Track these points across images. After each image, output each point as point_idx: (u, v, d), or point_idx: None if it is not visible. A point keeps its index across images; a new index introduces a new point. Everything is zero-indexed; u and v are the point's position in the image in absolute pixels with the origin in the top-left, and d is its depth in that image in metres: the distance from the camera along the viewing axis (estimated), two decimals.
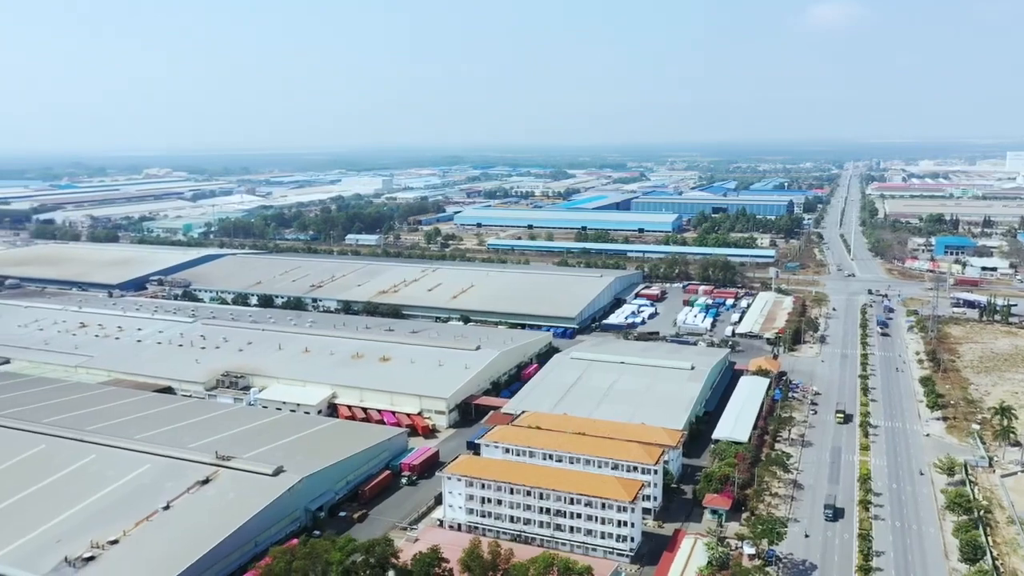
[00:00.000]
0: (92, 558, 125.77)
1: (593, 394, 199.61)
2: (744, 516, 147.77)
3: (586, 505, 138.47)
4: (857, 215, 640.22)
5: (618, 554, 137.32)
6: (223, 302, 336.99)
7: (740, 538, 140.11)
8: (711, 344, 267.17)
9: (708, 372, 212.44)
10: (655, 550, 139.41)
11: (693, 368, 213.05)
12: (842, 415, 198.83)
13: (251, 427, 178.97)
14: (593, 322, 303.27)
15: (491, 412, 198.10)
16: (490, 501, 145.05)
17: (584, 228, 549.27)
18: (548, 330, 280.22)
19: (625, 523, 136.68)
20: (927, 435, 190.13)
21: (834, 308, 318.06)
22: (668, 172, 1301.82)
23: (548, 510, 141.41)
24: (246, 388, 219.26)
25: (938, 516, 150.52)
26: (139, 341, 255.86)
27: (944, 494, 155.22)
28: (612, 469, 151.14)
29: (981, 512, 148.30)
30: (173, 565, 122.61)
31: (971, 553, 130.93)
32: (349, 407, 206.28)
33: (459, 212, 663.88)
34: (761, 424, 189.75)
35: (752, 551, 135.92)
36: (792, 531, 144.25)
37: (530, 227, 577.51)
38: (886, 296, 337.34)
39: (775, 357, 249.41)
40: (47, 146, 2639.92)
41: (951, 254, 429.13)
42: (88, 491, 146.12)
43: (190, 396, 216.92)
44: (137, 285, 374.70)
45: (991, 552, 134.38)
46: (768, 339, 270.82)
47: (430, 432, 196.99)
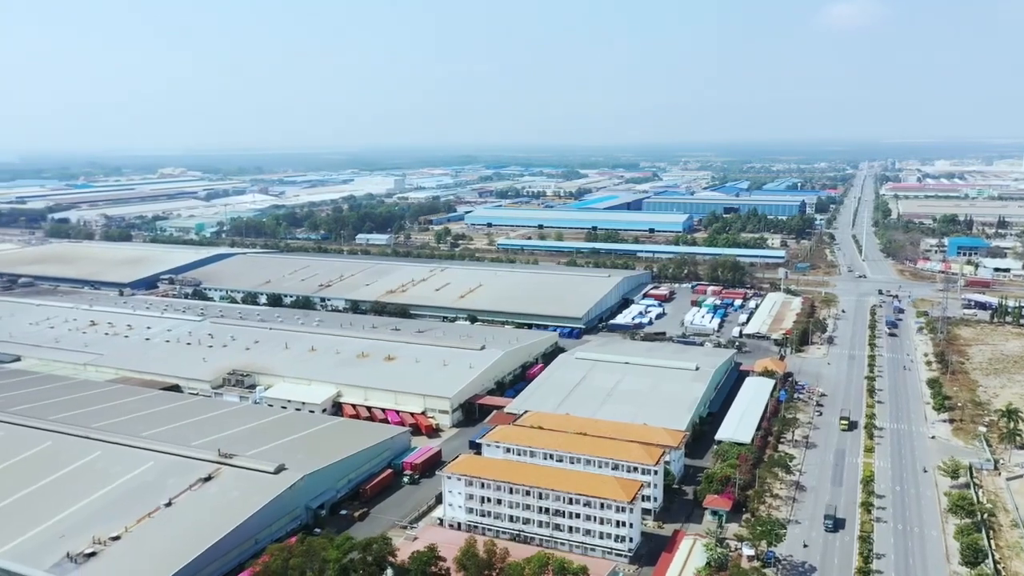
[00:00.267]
0: (94, 554, 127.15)
1: (596, 394, 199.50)
2: (744, 517, 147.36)
3: (585, 505, 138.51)
4: (870, 216, 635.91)
5: (616, 554, 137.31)
6: (232, 301, 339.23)
7: (739, 539, 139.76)
8: (718, 345, 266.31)
9: (713, 373, 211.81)
10: (654, 550, 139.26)
11: (697, 369, 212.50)
12: (847, 422, 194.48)
13: (255, 425, 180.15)
14: (600, 322, 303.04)
15: (494, 412, 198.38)
16: (489, 500, 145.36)
17: (594, 228, 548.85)
18: (555, 330, 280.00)
19: (623, 523, 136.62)
20: (933, 437, 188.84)
21: (843, 310, 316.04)
22: (681, 172, 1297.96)
23: (547, 510, 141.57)
24: (252, 386, 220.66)
25: (941, 519, 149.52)
26: (148, 339, 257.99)
27: (948, 497, 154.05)
28: (612, 469, 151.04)
29: (985, 515, 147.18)
30: (173, 562, 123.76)
31: (972, 556, 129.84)
32: (354, 406, 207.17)
33: (470, 212, 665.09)
34: (765, 425, 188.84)
35: (751, 552, 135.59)
36: (792, 533, 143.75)
37: (540, 227, 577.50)
38: (896, 297, 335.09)
39: (782, 358, 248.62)
40: (69, 145, 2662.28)
41: (964, 255, 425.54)
42: (92, 487, 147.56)
43: (197, 394, 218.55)
44: (148, 284, 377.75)
45: (993, 555, 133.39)
46: (775, 340, 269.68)
47: (433, 431, 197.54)
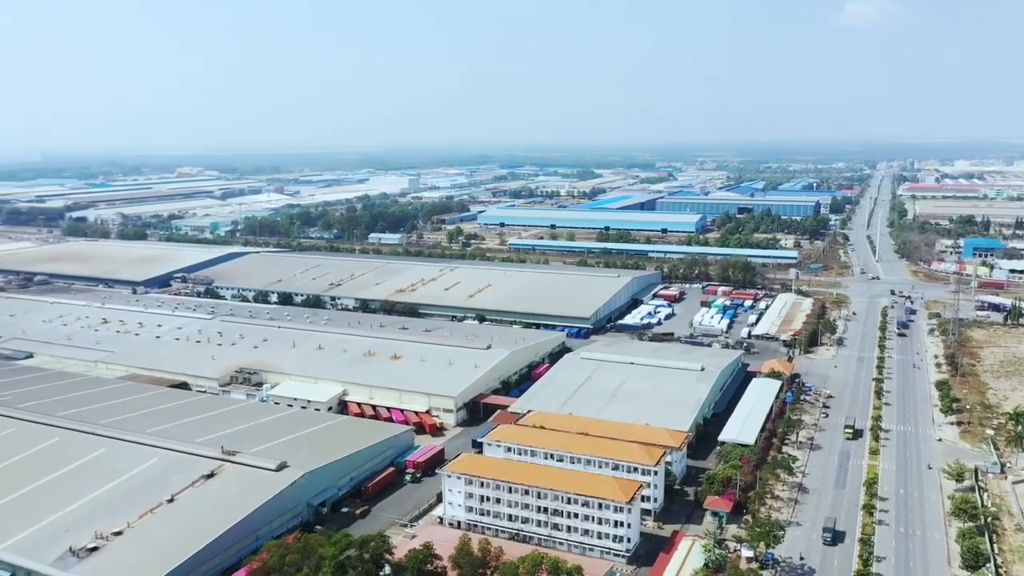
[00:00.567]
0: (96, 548, 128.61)
1: (600, 394, 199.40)
2: (744, 519, 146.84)
3: (583, 505, 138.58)
4: (886, 216, 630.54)
5: (614, 554, 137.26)
6: (244, 299, 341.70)
7: (738, 541, 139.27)
8: (726, 346, 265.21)
9: (718, 374, 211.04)
10: (653, 551, 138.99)
11: (703, 370, 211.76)
12: (851, 431, 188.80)
13: (260, 423, 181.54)
14: (609, 322, 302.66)
15: (498, 411, 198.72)
16: (489, 500, 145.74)
17: (607, 228, 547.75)
18: (563, 330, 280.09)
19: (622, 523, 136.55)
20: (939, 440, 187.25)
21: (854, 312, 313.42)
22: (697, 172, 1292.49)
23: (546, 509, 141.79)
24: (259, 384, 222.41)
25: (944, 522, 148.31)
26: (158, 337, 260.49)
27: (951, 500, 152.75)
28: (612, 470, 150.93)
29: (989, 519, 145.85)
30: (173, 557, 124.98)
31: (972, 560, 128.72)
32: (359, 404, 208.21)
33: (483, 212, 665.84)
34: (770, 427, 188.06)
35: (750, 554, 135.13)
36: (793, 535, 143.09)
37: (553, 227, 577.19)
38: (909, 298, 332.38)
39: (790, 359, 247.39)
40: (90, 145, 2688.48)
41: (979, 256, 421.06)
42: (97, 483, 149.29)
43: (205, 392, 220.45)
44: (161, 282, 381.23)
45: (995, 559, 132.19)
46: (784, 341, 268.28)
47: (437, 430, 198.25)
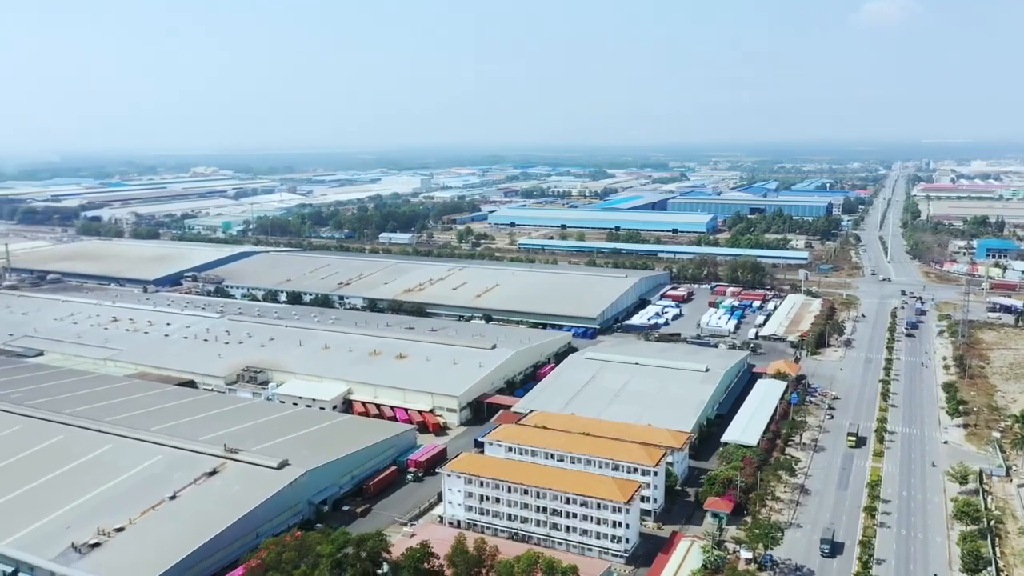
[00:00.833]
0: (97, 544, 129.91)
1: (604, 394, 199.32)
2: (743, 520, 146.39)
3: (582, 505, 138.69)
4: (899, 217, 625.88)
5: (613, 554, 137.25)
6: (253, 298, 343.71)
7: (738, 542, 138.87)
8: (732, 346, 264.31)
9: (723, 375, 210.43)
10: (652, 552, 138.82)
11: (707, 370, 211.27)
12: (854, 438, 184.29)
13: (263, 421, 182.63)
14: (616, 323, 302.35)
15: (501, 411, 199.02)
16: (488, 499, 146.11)
17: (617, 228, 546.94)
18: (569, 330, 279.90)
19: (620, 524, 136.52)
20: (945, 442, 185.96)
21: (863, 314, 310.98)
22: (710, 172, 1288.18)
23: (545, 509, 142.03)
24: (265, 383, 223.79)
25: (946, 525, 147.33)
26: (167, 336, 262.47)
27: (954, 503, 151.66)
28: (612, 470, 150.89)
29: (992, 522, 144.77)
30: (173, 554, 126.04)
31: (973, 564, 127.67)
32: (363, 403, 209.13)
33: (493, 212, 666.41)
34: (773, 428, 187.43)
35: (749, 555, 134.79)
36: (793, 536, 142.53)
37: (563, 227, 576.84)
38: (920, 299, 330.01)
39: (797, 360, 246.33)
40: (107, 145, 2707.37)
41: (993, 257, 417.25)
42: (101, 480, 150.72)
43: (211, 390, 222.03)
44: (172, 281, 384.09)
45: (996, 563, 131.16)
46: (791, 342, 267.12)
47: (441, 430, 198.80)
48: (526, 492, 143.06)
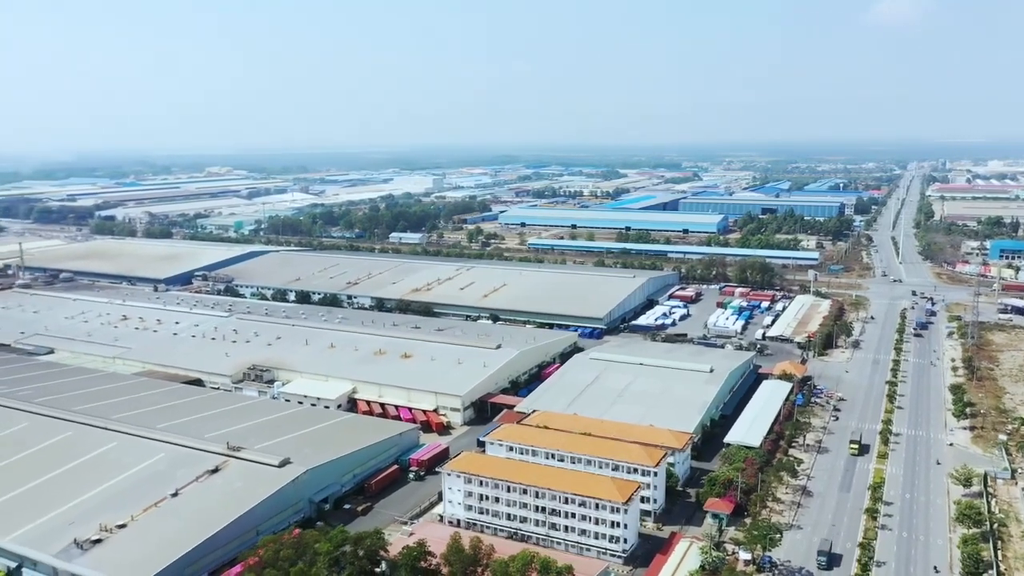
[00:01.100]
0: (99, 540, 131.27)
1: (607, 395, 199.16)
2: (742, 521, 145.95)
3: (580, 505, 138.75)
4: (912, 217, 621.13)
5: (611, 555, 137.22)
6: (263, 297, 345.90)
7: (737, 543, 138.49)
8: (739, 347, 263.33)
9: (727, 375, 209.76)
10: (650, 552, 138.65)
11: (712, 371, 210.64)
12: (857, 446, 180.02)
13: (267, 419, 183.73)
14: (623, 323, 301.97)
15: (504, 410, 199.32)
16: (488, 498, 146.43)
17: (627, 228, 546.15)
18: (576, 330, 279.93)
19: (618, 524, 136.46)
20: (951, 444, 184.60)
21: (872, 316, 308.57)
22: (723, 172, 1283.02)
23: (544, 509, 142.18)
24: (271, 381, 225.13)
25: (948, 528, 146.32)
26: (175, 334, 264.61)
27: (956, 505, 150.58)
28: (612, 470, 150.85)
29: (995, 525, 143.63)
30: (173, 550, 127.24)
31: (973, 567, 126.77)
32: (368, 402, 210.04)
33: (504, 211, 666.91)
34: (777, 429, 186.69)
35: (748, 556, 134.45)
36: (793, 538, 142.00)
37: (573, 227, 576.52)
38: (931, 300, 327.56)
39: (803, 361, 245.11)
40: (122, 145, 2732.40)
41: (1006, 258, 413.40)
42: (105, 477, 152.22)
43: (218, 388, 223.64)
44: (183, 280, 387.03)
45: (998, 566, 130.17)
46: (799, 343, 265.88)
47: (444, 429, 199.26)
48: (525, 492, 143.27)
